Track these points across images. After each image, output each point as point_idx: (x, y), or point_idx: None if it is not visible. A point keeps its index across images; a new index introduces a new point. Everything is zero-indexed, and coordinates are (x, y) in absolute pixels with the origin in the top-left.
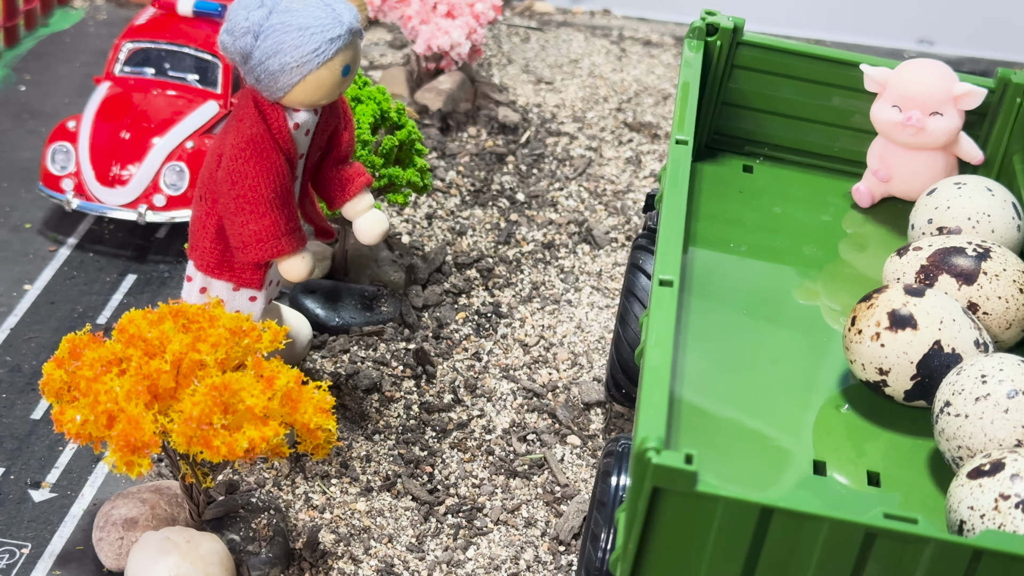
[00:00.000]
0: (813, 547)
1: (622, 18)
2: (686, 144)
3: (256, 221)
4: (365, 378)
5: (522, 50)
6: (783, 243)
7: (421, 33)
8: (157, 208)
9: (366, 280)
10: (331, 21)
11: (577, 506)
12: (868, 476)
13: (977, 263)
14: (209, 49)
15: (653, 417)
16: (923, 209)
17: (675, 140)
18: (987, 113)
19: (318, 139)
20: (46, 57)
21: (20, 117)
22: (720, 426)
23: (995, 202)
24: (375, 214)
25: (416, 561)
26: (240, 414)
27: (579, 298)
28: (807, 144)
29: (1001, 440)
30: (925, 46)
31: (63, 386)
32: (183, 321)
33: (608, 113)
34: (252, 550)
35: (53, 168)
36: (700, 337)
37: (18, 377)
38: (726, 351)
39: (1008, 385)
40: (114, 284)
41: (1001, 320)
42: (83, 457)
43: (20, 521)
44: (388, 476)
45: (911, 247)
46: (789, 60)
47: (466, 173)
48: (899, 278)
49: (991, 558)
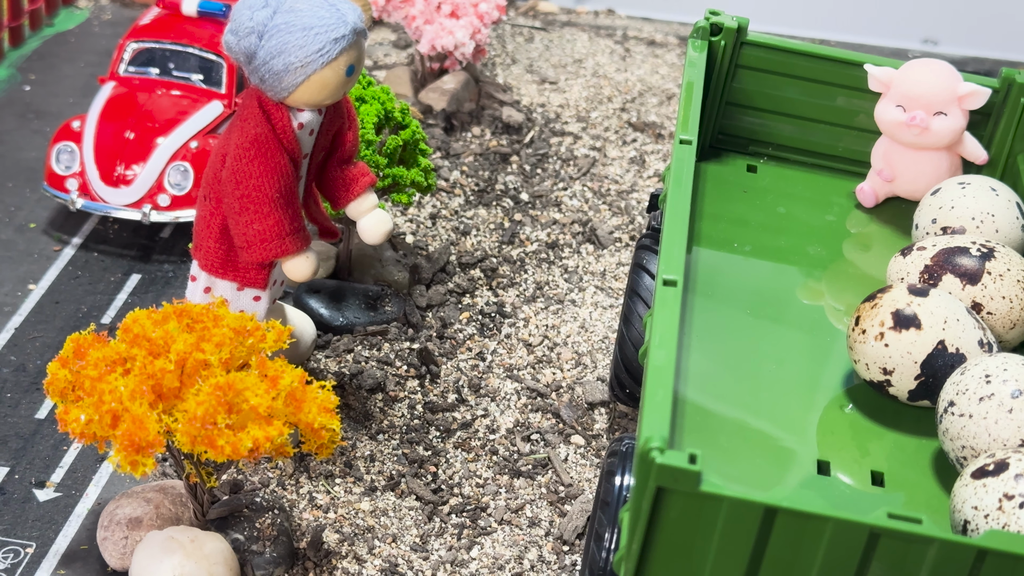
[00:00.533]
0: (817, 547)
1: (626, 18)
2: (690, 144)
3: (260, 221)
4: (369, 378)
5: (526, 50)
6: (787, 243)
7: (425, 33)
8: (161, 208)
9: (370, 280)
10: (335, 21)
11: (581, 506)
12: (872, 476)
13: (981, 263)
14: (213, 49)
15: (657, 417)
16: (927, 209)
17: (679, 140)
18: (991, 113)
19: (322, 139)
20: (51, 57)
21: (25, 117)
22: (724, 426)
23: (999, 202)
24: (379, 214)
25: (420, 561)
26: (244, 414)
27: (583, 298)
28: (811, 144)
29: (1005, 440)
30: (929, 46)
31: (67, 386)
32: (187, 321)
33: (612, 113)
34: (256, 549)
35: (58, 168)
36: (704, 337)
37: (23, 377)
38: (730, 351)
39: (1012, 385)
40: (118, 284)
41: (1005, 320)
42: (87, 457)
43: (25, 520)
44: (392, 476)
45: (915, 247)
46: (793, 60)
47: (470, 173)
48: (903, 278)
49: (995, 558)
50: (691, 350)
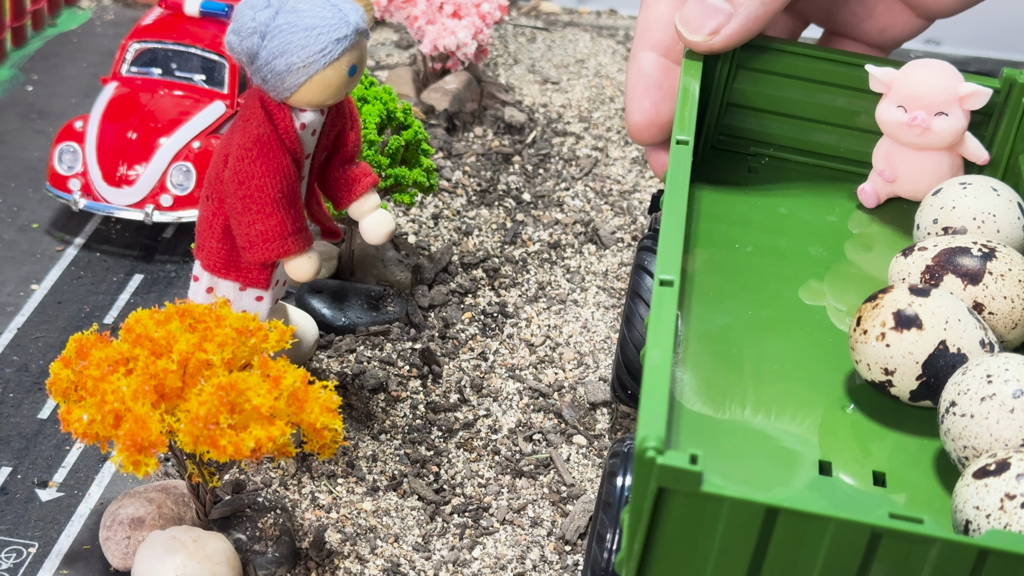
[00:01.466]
0: (819, 547)
1: (628, 18)
2: (687, 144)
3: (263, 221)
4: (371, 378)
5: (528, 50)
6: (789, 243)
7: (427, 33)
8: (164, 208)
9: (372, 280)
10: (337, 21)
11: (583, 506)
12: (874, 476)
13: (982, 263)
14: (216, 49)
15: (653, 417)
16: (928, 209)
17: (675, 140)
18: (993, 113)
19: (324, 139)
20: (53, 57)
21: (27, 117)
22: (726, 426)
23: (1000, 202)
24: (381, 214)
25: (422, 561)
26: (246, 414)
27: (585, 298)
28: (812, 144)
29: (1007, 440)
30: (932, 46)
31: (70, 386)
32: (190, 321)
33: (614, 113)
34: (258, 549)
35: (60, 168)
36: (705, 337)
37: (25, 377)
38: (731, 351)
39: (1014, 385)
40: (121, 284)
41: (1007, 320)
42: (90, 456)
43: (27, 520)
44: (394, 476)
45: (916, 247)
46: (794, 61)
47: (472, 173)
48: (904, 278)
49: (997, 558)
50: (692, 350)
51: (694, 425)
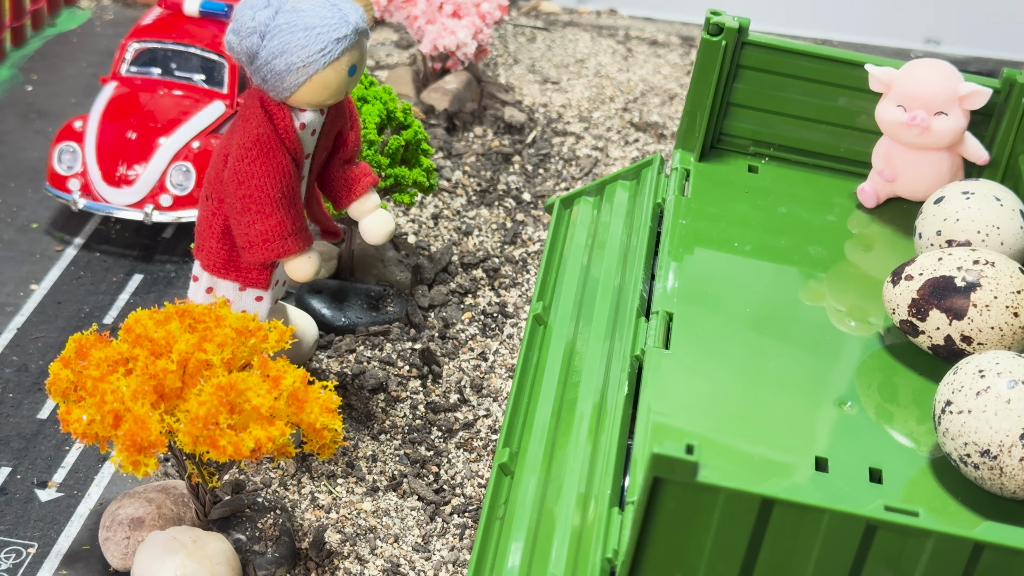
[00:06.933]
0: (814, 539)
1: (628, 18)
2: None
3: (262, 221)
4: (371, 378)
5: (528, 50)
6: (788, 243)
7: (427, 33)
8: (163, 208)
9: (372, 280)
10: (337, 21)
11: None
12: (870, 473)
13: (966, 296)
14: (215, 49)
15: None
16: (931, 220)
17: None
18: (993, 113)
19: (324, 139)
20: (53, 57)
21: (27, 117)
22: (722, 424)
23: (1003, 212)
24: (381, 214)
25: (422, 561)
26: (246, 414)
27: None
28: (812, 144)
29: (1007, 431)
30: (932, 46)
31: (70, 386)
32: (189, 321)
33: (614, 113)
34: (258, 550)
35: (60, 168)
36: (705, 336)
37: (25, 377)
38: (731, 349)
39: (1007, 377)
40: (120, 284)
41: (998, 347)
42: (89, 457)
43: (27, 520)
44: (394, 476)
45: (903, 275)
46: (794, 60)
47: (472, 173)
48: (894, 310)
49: (993, 551)
50: (691, 348)
51: (693, 421)
